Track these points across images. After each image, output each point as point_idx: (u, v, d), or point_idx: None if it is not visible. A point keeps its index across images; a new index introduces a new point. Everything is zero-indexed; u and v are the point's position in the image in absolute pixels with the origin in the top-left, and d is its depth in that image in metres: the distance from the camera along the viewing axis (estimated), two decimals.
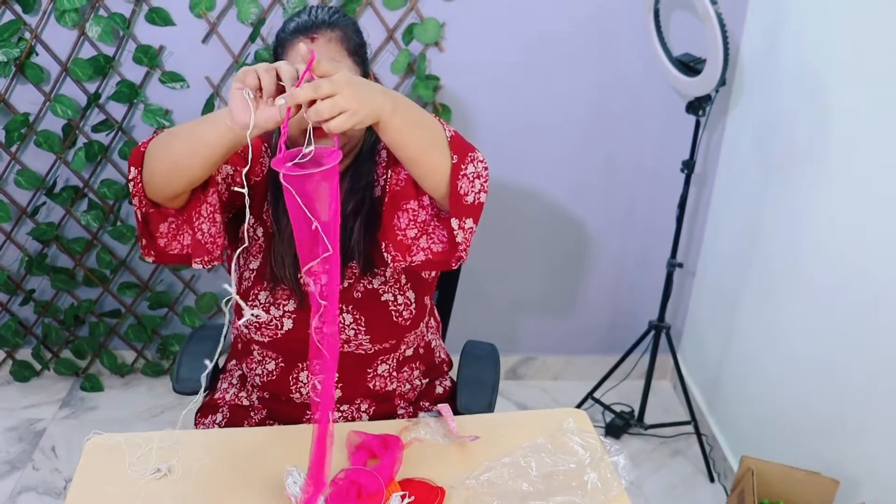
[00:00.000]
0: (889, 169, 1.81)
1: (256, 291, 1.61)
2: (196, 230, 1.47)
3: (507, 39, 2.47)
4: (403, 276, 1.62)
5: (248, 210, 1.27)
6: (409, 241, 1.46)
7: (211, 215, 1.47)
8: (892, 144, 1.80)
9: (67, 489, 1.42)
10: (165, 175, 1.38)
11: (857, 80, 1.93)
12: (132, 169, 1.43)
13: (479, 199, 1.42)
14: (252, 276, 1.62)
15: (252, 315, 1.47)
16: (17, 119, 2.45)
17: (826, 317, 2.06)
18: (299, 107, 1.19)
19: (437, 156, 1.36)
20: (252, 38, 2.40)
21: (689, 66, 2.36)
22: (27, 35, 2.37)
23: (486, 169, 1.42)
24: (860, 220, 1.91)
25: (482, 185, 1.41)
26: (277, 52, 1.52)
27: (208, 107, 2.48)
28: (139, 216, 1.47)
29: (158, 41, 2.42)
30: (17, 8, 2.33)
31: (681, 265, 2.60)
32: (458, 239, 1.43)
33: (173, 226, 1.49)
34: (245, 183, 1.28)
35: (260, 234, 1.62)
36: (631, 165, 2.69)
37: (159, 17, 2.36)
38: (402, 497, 1.36)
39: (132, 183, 1.43)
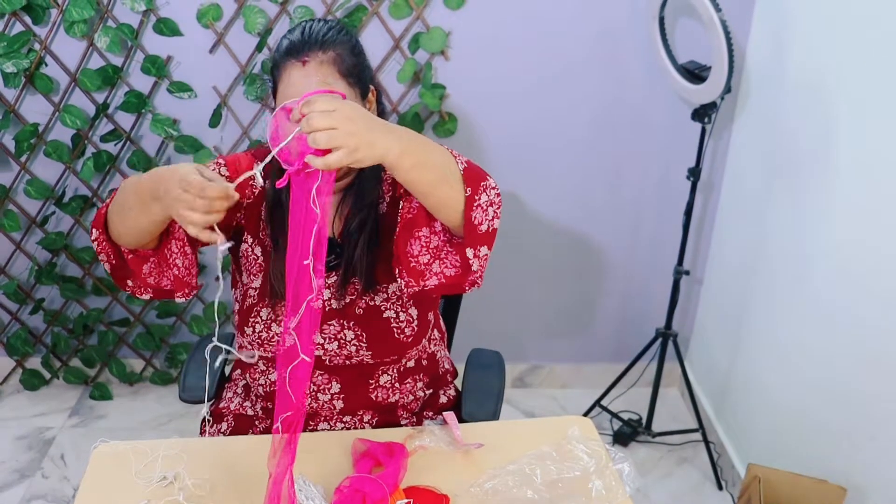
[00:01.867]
0: (895, 176, 1.80)
1: (259, 308, 1.61)
2: (172, 266, 1.50)
3: (512, 48, 2.48)
4: (406, 294, 1.62)
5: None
6: (423, 266, 1.46)
7: (181, 249, 1.48)
8: None
9: (75, 497, 1.42)
10: (133, 237, 1.45)
11: (864, 87, 1.92)
12: (94, 231, 1.49)
13: (492, 226, 1.42)
14: (255, 294, 1.62)
15: (248, 357, 1.52)
16: (27, 129, 2.47)
17: (833, 324, 2.05)
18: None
19: (450, 190, 1.36)
20: (259, 48, 2.42)
21: (695, 73, 2.36)
22: (37, 46, 2.39)
23: (498, 195, 1.42)
24: (867, 227, 1.91)
25: (495, 211, 1.42)
26: (273, 73, 1.51)
27: (216, 116, 2.49)
28: (110, 267, 1.52)
29: (166, 51, 2.43)
30: (27, 19, 2.36)
31: (688, 272, 2.59)
32: (474, 267, 1.43)
33: (153, 264, 1.52)
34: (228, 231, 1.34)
35: (259, 254, 1.62)
36: (637, 173, 2.69)
37: (167, 28, 2.38)
38: None
39: (95, 243, 1.50)
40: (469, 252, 1.41)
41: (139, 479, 1.44)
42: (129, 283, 1.54)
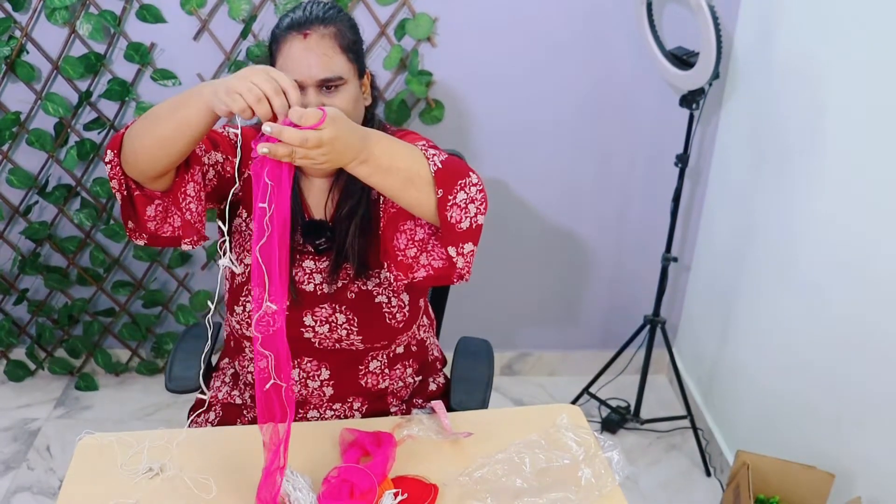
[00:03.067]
0: (882, 161, 1.80)
1: (251, 286, 1.60)
2: (184, 210, 1.48)
3: (499, 34, 2.46)
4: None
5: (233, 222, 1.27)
6: (410, 259, 1.46)
7: (198, 194, 1.48)
8: (885, 138, 1.79)
9: (60, 488, 1.41)
10: (150, 154, 1.38)
11: (852, 73, 1.92)
12: (109, 152, 1.43)
13: (475, 222, 1.40)
14: (247, 270, 1.61)
15: (231, 262, 1.47)
16: (9, 118, 2.44)
17: (821, 310, 2.05)
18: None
19: (417, 193, 1.35)
20: (244, 35, 2.39)
21: (683, 59, 2.35)
22: (17, 33, 2.36)
23: (480, 191, 1.40)
24: (854, 213, 1.91)
25: (478, 207, 1.40)
26: (272, 47, 1.53)
27: None
28: (120, 199, 1.47)
29: (150, 38, 2.41)
30: (7, 6, 2.32)
31: (675, 259, 2.59)
32: (459, 264, 1.42)
33: (160, 208, 1.49)
34: (237, 176, 1.30)
35: (254, 229, 1.61)
36: (625, 159, 2.68)
37: (150, 15, 2.35)
38: (395, 494, 1.36)
39: (109, 165, 1.43)
40: (451, 250, 1.41)
41: (125, 470, 1.43)
42: (130, 223, 1.51)
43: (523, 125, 2.60)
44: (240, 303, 1.62)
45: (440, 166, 1.36)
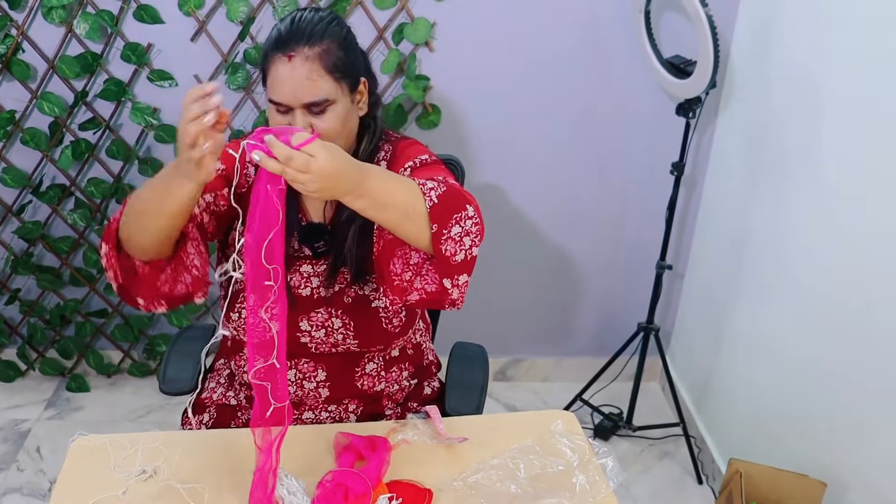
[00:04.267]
0: (879, 171, 1.81)
1: (246, 295, 1.60)
2: (190, 268, 1.48)
3: (497, 40, 2.46)
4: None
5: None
6: (405, 283, 1.46)
7: (197, 249, 1.49)
8: (882, 147, 1.80)
9: (52, 490, 1.40)
10: (153, 245, 1.42)
11: (849, 83, 1.93)
12: (104, 245, 1.45)
13: (470, 254, 1.40)
14: (243, 280, 1.61)
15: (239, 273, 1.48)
16: (3, 116, 2.43)
17: (814, 320, 2.06)
18: None
19: (412, 228, 1.36)
20: (241, 37, 2.39)
21: (680, 67, 2.35)
22: (13, 32, 2.35)
23: (476, 224, 1.40)
24: (850, 224, 1.91)
25: (473, 240, 1.40)
26: (263, 64, 1.51)
27: None
28: (118, 285, 1.48)
29: (147, 39, 2.40)
30: (4, 4, 2.31)
31: (670, 267, 2.59)
32: (454, 295, 1.43)
33: (170, 273, 1.50)
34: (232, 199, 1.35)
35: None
36: (621, 167, 2.68)
37: (148, 15, 2.34)
38: (390, 499, 1.36)
39: (104, 258, 1.46)
40: (447, 282, 1.42)
41: (118, 472, 1.43)
42: (140, 300, 1.51)
43: (520, 131, 2.60)
44: (235, 310, 1.62)
45: (436, 202, 1.36)
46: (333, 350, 1.61)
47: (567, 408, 2.81)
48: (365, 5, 2.38)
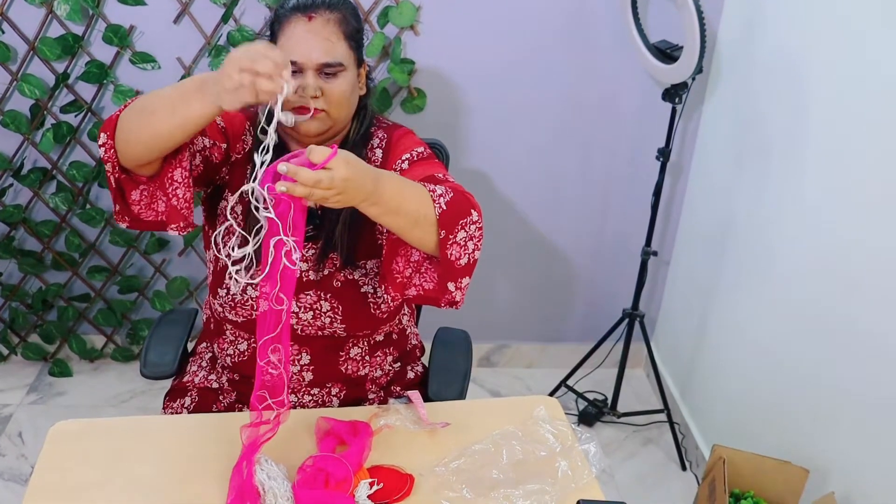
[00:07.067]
0: (863, 158, 1.81)
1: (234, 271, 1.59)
2: (171, 196, 1.47)
3: (483, 24, 2.45)
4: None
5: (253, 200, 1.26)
6: (405, 279, 1.48)
7: (185, 180, 1.47)
8: (866, 134, 1.80)
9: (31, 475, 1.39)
10: (145, 146, 1.38)
11: (836, 70, 1.92)
12: (103, 135, 1.41)
13: (473, 258, 1.42)
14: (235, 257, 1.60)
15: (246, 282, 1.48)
16: None
17: (799, 307, 2.06)
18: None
19: (422, 233, 1.37)
20: (224, 19, 2.36)
21: (666, 53, 2.35)
22: None
23: (479, 229, 1.42)
24: (834, 210, 1.91)
25: (476, 244, 1.42)
26: (274, 26, 1.54)
27: None
28: (113, 181, 1.46)
29: (129, 21, 2.37)
30: None
31: (655, 253, 2.59)
32: (457, 298, 1.45)
33: (146, 193, 1.48)
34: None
35: (240, 213, 1.60)
36: (607, 152, 2.68)
37: None
38: (371, 484, 1.35)
39: (104, 148, 1.42)
40: (451, 285, 1.43)
41: (98, 457, 1.41)
42: (117, 206, 1.50)
43: (505, 116, 2.59)
44: (223, 285, 1.61)
45: (445, 208, 1.37)
46: (319, 333, 1.61)
47: (552, 394, 2.82)
48: None
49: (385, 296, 1.62)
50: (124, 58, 2.42)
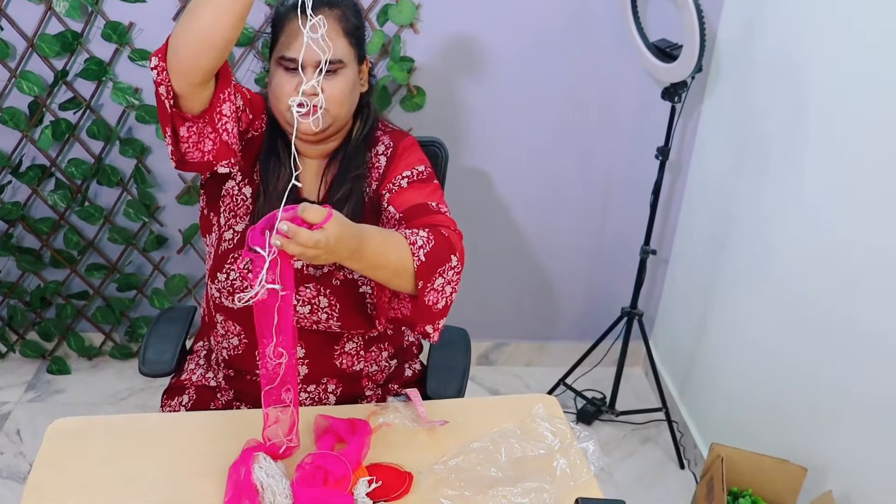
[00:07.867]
0: (862, 157, 1.81)
1: (237, 254, 1.58)
2: (221, 130, 1.48)
3: (483, 22, 2.44)
4: None
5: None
6: (383, 302, 1.56)
7: (233, 114, 1.49)
8: (866, 134, 1.80)
9: (30, 473, 1.39)
10: (193, 49, 1.36)
11: (835, 69, 1.92)
12: (154, 58, 1.41)
13: (449, 301, 1.47)
14: (235, 238, 1.59)
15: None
16: None
17: (797, 305, 2.06)
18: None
19: (400, 283, 1.42)
20: None
21: (666, 51, 2.35)
22: None
23: (457, 273, 1.46)
24: (833, 209, 1.91)
25: (453, 287, 1.47)
26: (275, 24, 1.54)
27: None
28: (167, 108, 1.44)
29: (128, 18, 2.37)
30: None
31: (654, 252, 2.59)
32: (434, 338, 1.51)
33: (193, 130, 1.48)
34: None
35: (248, 195, 1.60)
36: (606, 151, 2.68)
37: None
38: (370, 482, 1.35)
39: (156, 70, 1.41)
40: (428, 328, 1.49)
41: (96, 454, 1.41)
42: (168, 142, 1.50)
43: (505, 114, 2.59)
44: (223, 270, 1.60)
45: (423, 260, 1.40)
46: (314, 327, 1.60)
47: (550, 392, 2.82)
48: None
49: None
50: (123, 55, 2.42)
